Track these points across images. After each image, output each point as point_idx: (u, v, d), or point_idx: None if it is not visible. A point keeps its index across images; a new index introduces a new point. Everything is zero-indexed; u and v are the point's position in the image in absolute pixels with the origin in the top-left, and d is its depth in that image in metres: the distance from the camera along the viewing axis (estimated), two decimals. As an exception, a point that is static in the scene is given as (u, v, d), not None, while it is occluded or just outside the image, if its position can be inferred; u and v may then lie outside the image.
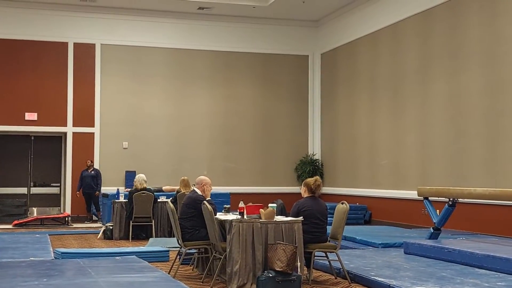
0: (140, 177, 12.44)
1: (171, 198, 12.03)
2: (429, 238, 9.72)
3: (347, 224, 7.88)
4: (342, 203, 7.59)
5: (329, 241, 7.51)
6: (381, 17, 15.38)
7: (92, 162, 16.18)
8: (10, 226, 14.56)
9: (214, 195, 13.82)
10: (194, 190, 7.92)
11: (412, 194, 12.45)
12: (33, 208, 16.52)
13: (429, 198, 10.11)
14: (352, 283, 7.23)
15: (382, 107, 15.30)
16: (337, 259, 7.37)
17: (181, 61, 17.58)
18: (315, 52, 18.52)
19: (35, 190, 16.93)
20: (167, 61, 17.48)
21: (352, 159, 16.56)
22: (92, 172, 16.06)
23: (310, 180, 7.64)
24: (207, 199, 7.71)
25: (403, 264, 8.01)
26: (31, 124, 16.52)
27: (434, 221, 9.84)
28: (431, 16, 13.60)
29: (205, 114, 17.68)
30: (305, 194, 7.58)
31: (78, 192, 16.08)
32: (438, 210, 10.08)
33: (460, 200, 9.78)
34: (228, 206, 8.14)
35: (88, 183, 15.95)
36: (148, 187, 15.46)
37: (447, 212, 9.67)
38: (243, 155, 17.92)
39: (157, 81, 17.36)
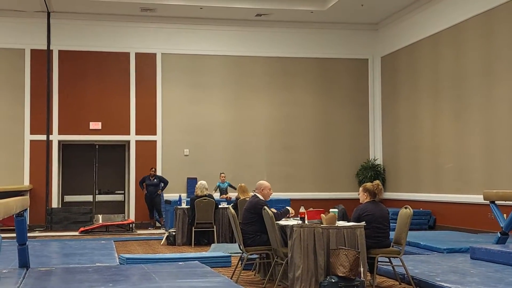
0: (201, 184, 12.52)
1: (232, 204, 12.09)
2: (497, 243, 9.43)
3: (410, 229, 7.73)
4: (406, 208, 7.45)
5: (392, 246, 7.39)
6: (442, 19, 15.09)
7: (155, 170, 16.41)
8: (76, 233, 14.92)
9: (275, 201, 13.84)
10: (255, 195, 7.93)
11: (478, 198, 12.13)
12: (99, 215, 16.89)
13: (496, 202, 9.82)
14: (417, 288, 7.09)
15: (445, 110, 14.99)
16: (401, 264, 7.24)
17: (239, 68, 17.69)
18: (375, 56, 18.32)
19: (100, 197, 17.33)
20: (226, 68, 17.62)
21: (415, 163, 16.27)
22: (155, 180, 16.27)
23: (370, 184, 7.53)
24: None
25: (469, 270, 7.81)
26: (95, 133, 16.91)
27: (502, 225, 9.55)
28: (494, 16, 13.25)
29: (264, 120, 17.72)
30: (366, 200, 7.48)
31: (144, 189, 16.32)
32: (505, 214, 9.79)
33: (529, 203, 9.47)
34: (288, 207, 8.12)
35: (152, 191, 16.18)
36: (228, 183, 15.61)
37: (515, 216, 9.37)
38: (303, 161, 17.87)
39: (216, 89, 17.51)
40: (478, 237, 11.45)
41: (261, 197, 7.79)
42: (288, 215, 7.76)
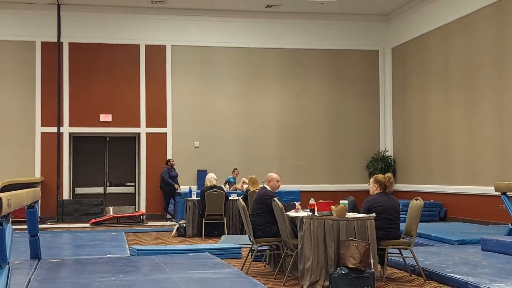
0: (210, 175, 12.60)
1: (241, 196, 12.10)
2: (508, 235, 9.40)
3: (421, 221, 7.72)
4: (416, 199, 7.43)
5: (403, 238, 7.37)
6: (453, 9, 14.99)
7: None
8: (87, 225, 14.99)
9: (285, 193, 13.85)
10: (263, 186, 7.94)
11: (489, 189, 12.08)
12: (109, 207, 16.93)
13: (507, 193, 9.77)
14: (427, 280, 7.06)
15: (456, 101, 14.91)
16: (412, 256, 7.23)
17: (250, 60, 17.66)
18: (385, 47, 18.24)
19: (111, 189, 17.39)
20: (236, 60, 17.60)
21: (426, 155, 16.21)
22: (176, 171, 16.31)
23: (382, 177, 7.53)
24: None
25: (480, 261, 7.78)
26: (106, 125, 16.95)
27: (513, 217, 9.52)
28: (505, 7, 13.14)
29: (274, 112, 17.70)
30: (376, 191, 7.47)
31: (177, 185, 16.21)
32: (516, 206, 9.73)
33: (541, 195, 9.41)
34: (299, 203, 8.10)
35: (176, 182, 16.16)
36: (235, 180, 15.64)
37: (527, 208, 9.34)
38: (313, 153, 17.84)
39: (226, 80, 17.51)
40: (489, 229, 11.40)
41: (269, 189, 7.79)
42: (294, 210, 7.74)
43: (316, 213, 7.00)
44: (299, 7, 17.16)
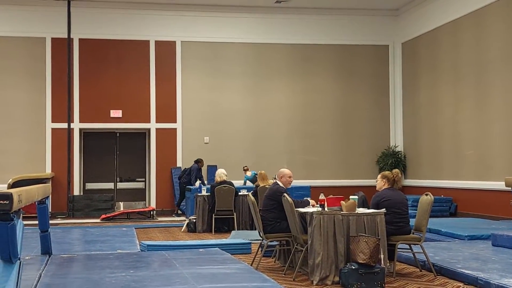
0: (220, 171, 12.64)
1: (251, 191, 12.11)
2: (519, 230, 9.36)
3: (431, 216, 7.70)
4: (426, 195, 7.42)
5: (413, 233, 7.36)
6: (463, 4, 14.90)
7: None
8: (98, 220, 15.05)
9: (295, 188, 13.83)
10: (275, 182, 7.94)
11: (500, 185, 12.03)
12: (120, 202, 17.02)
13: (518, 188, 9.74)
14: (437, 275, 7.05)
15: (466, 96, 14.84)
16: (422, 251, 7.21)
17: (259, 56, 17.65)
18: (395, 42, 18.17)
19: (121, 185, 17.44)
20: (246, 55, 17.59)
21: (436, 150, 16.16)
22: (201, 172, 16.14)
23: (389, 173, 7.54)
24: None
25: (491, 257, 7.75)
26: (116, 121, 17.00)
27: (524, 212, 9.48)
28: (517, 0, 13.06)
29: (284, 108, 17.69)
30: (384, 186, 7.46)
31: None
32: (527, 201, 9.69)
33: (552, 190, 9.36)
34: (309, 198, 8.10)
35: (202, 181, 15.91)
36: (254, 172, 15.54)
37: (538, 203, 9.30)
38: (323, 148, 17.82)
39: (236, 76, 17.50)
40: (499, 224, 11.36)
41: (281, 184, 7.79)
42: (309, 206, 7.73)
43: (326, 209, 7.00)
44: (308, 2, 17.11)
